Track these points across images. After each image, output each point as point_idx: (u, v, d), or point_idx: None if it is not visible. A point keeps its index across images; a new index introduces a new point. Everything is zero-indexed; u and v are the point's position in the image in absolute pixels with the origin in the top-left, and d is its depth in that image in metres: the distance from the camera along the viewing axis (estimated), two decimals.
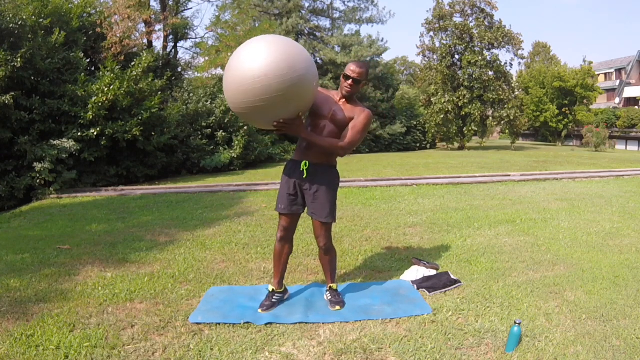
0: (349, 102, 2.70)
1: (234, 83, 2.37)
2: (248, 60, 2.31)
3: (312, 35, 21.14)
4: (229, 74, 2.41)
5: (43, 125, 9.00)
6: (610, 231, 4.78)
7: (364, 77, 2.66)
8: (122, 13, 11.81)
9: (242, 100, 2.36)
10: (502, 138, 40.99)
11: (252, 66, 2.28)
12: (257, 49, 2.33)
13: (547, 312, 2.74)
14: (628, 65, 38.07)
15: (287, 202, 2.75)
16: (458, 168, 12.24)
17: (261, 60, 2.27)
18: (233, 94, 2.39)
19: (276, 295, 2.84)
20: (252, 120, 2.56)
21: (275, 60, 2.26)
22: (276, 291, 2.85)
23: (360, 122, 2.65)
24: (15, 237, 4.93)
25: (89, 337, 2.39)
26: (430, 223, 5.16)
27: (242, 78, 2.31)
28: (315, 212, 2.74)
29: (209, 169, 11.98)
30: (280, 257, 2.84)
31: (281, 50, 2.31)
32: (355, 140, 2.64)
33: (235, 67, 2.37)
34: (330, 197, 2.76)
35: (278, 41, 2.39)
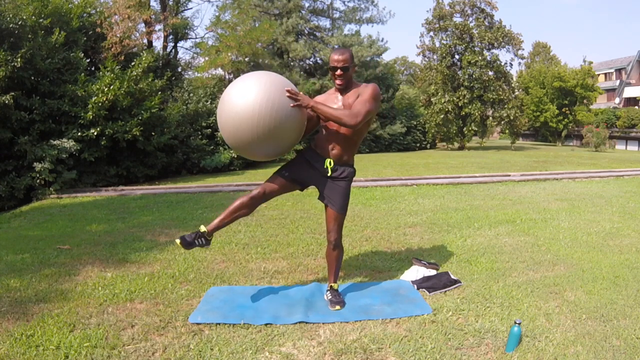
0: (348, 90, 2.65)
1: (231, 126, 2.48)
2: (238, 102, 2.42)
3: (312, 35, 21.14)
4: (223, 119, 2.50)
5: (43, 125, 9.00)
6: (610, 231, 4.78)
7: (350, 62, 2.57)
8: (122, 13, 11.82)
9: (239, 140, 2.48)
10: (502, 138, 40.98)
11: (243, 108, 2.39)
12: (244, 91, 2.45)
13: (547, 312, 2.74)
14: (628, 65, 38.06)
15: (293, 173, 2.72)
16: (458, 168, 12.24)
17: (249, 100, 2.39)
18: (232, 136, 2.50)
19: (203, 239, 2.67)
20: (254, 155, 2.63)
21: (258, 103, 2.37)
22: (206, 236, 2.68)
23: (366, 93, 2.56)
24: (15, 237, 4.93)
25: (89, 337, 2.39)
26: (430, 223, 5.16)
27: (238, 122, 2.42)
28: (333, 201, 2.72)
29: (209, 169, 11.98)
30: (236, 212, 2.70)
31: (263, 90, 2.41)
32: (364, 110, 2.50)
33: (228, 111, 2.48)
34: (347, 191, 2.76)
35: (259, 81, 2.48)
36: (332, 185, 2.72)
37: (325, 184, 2.73)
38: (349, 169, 2.75)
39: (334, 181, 2.72)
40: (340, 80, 2.60)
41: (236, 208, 2.69)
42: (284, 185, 2.74)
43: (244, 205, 2.70)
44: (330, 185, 2.73)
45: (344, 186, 2.74)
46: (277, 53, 19.78)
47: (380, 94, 2.63)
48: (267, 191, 2.71)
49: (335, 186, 2.72)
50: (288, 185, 2.75)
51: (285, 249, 4.09)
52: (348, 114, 2.48)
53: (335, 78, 2.60)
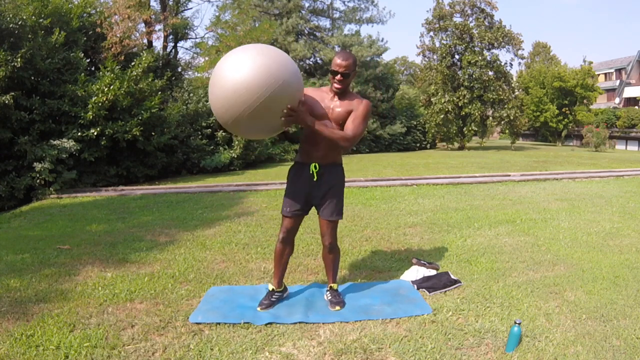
0: (343, 96, 2.64)
1: (219, 99, 2.36)
2: (229, 74, 2.31)
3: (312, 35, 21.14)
4: (213, 89, 2.40)
5: (43, 125, 9.00)
6: (610, 231, 4.78)
7: (352, 69, 2.57)
8: (122, 13, 11.81)
9: (228, 115, 2.35)
10: (502, 138, 40.99)
11: (233, 82, 2.27)
12: (237, 62, 2.32)
13: (547, 312, 2.74)
14: (628, 65, 38.07)
15: (292, 204, 2.73)
16: (458, 168, 12.24)
17: (242, 73, 2.26)
18: (220, 109, 2.38)
19: (275, 294, 2.85)
20: (243, 132, 2.55)
21: (255, 74, 2.25)
22: (276, 290, 2.85)
23: (360, 113, 2.59)
24: (15, 237, 4.93)
25: (89, 337, 2.39)
26: (430, 223, 5.16)
27: (226, 96, 2.30)
28: (324, 211, 2.73)
29: (209, 169, 11.98)
30: (282, 257, 2.84)
31: (261, 61, 2.29)
32: (359, 132, 2.57)
33: (217, 83, 2.36)
34: (340, 196, 2.76)
35: (257, 51, 2.36)
36: (322, 193, 2.71)
37: (316, 193, 2.72)
38: (336, 167, 2.75)
39: (323, 187, 2.70)
40: (340, 85, 2.59)
41: (278, 256, 2.85)
42: (296, 218, 2.79)
43: (282, 250, 2.84)
44: (320, 198, 2.73)
45: (333, 195, 2.72)
46: None
47: (371, 111, 2.69)
48: (289, 229, 2.80)
49: (326, 194, 2.71)
50: (299, 216, 2.79)
51: None
52: (343, 138, 2.54)
53: (335, 82, 2.60)
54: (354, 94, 2.70)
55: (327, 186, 2.71)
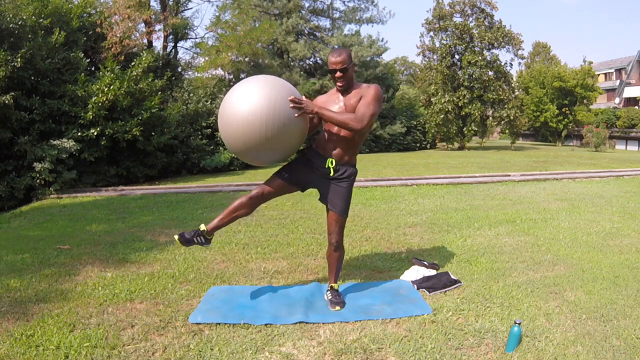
0: (351, 90, 2.63)
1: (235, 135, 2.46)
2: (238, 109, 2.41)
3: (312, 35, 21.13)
4: (225, 127, 2.49)
5: (43, 125, 9.00)
6: (610, 231, 4.77)
7: (349, 62, 2.55)
8: (122, 13, 11.81)
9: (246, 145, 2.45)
10: (502, 138, 40.98)
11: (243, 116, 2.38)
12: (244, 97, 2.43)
13: (547, 312, 2.74)
14: (628, 65, 38.06)
15: (294, 175, 2.71)
16: (458, 168, 12.24)
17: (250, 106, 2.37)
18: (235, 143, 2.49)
19: (202, 237, 2.72)
20: (259, 160, 2.61)
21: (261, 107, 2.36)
22: (207, 234, 2.73)
23: (369, 95, 2.54)
24: (15, 237, 4.93)
25: (89, 337, 2.39)
26: (430, 223, 5.16)
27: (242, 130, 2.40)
28: (334, 204, 2.70)
29: (209, 169, 11.98)
30: (235, 212, 2.72)
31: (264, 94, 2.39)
32: (369, 113, 2.49)
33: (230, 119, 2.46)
34: (349, 192, 2.75)
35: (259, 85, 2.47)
36: (333, 187, 2.70)
37: (327, 186, 2.71)
38: (351, 169, 2.74)
39: (335, 182, 2.70)
40: (341, 82, 2.58)
41: (235, 208, 2.71)
42: (283, 186, 2.74)
43: (243, 205, 2.71)
44: (331, 187, 2.71)
45: (346, 187, 2.72)
46: (277, 53, 19.77)
47: (382, 95, 2.62)
48: (265, 192, 2.71)
49: (337, 188, 2.71)
50: (287, 186, 2.75)
51: (285, 249, 4.09)
52: (353, 119, 2.48)
53: (336, 80, 2.58)
54: (360, 84, 2.66)
55: (340, 179, 2.69)
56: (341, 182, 2.71)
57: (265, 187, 2.72)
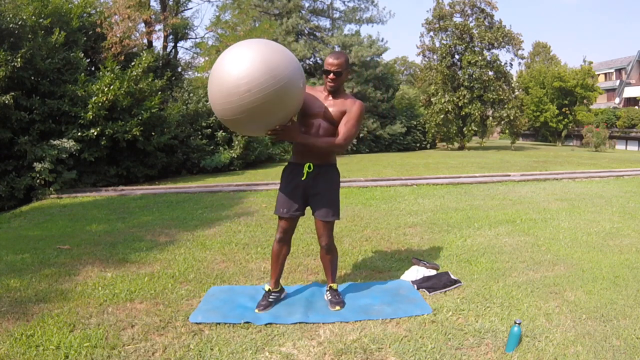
0: (337, 96, 2.66)
1: (218, 95, 2.32)
2: (230, 70, 2.26)
3: (312, 35, 21.14)
4: (213, 84, 2.37)
5: (43, 125, 9.00)
6: (610, 231, 4.77)
7: (345, 67, 2.59)
8: (122, 13, 11.81)
9: (229, 112, 2.32)
10: (502, 138, 40.98)
11: (234, 79, 2.22)
12: (240, 57, 2.27)
13: (547, 312, 2.74)
14: (628, 65, 38.07)
15: (289, 205, 2.73)
16: (458, 168, 12.24)
17: (244, 70, 2.21)
18: (219, 106, 2.35)
19: (272, 294, 2.84)
20: (241, 129, 2.54)
21: (258, 71, 2.20)
22: (272, 291, 2.84)
23: (353, 116, 2.61)
24: (15, 237, 4.93)
25: (89, 337, 2.39)
26: (430, 223, 5.16)
27: (227, 93, 2.26)
28: (319, 212, 2.73)
29: (209, 169, 11.98)
30: (278, 258, 2.84)
31: (262, 58, 2.25)
32: (352, 134, 2.60)
33: (218, 77, 2.32)
34: (334, 196, 2.76)
35: (261, 47, 2.32)
36: (315, 193, 2.71)
37: (311, 192, 2.72)
38: (331, 168, 2.75)
39: (317, 187, 2.70)
40: (332, 83, 2.61)
41: (276, 256, 2.85)
42: (292, 220, 2.78)
43: (279, 250, 2.85)
44: (314, 199, 2.72)
45: (328, 196, 2.72)
46: None
47: (364, 113, 2.69)
48: (285, 230, 2.80)
49: (320, 194, 2.71)
50: (294, 218, 2.79)
51: None
52: (335, 143, 2.59)
53: (328, 81, 2.62)
54: (347, 95, 2.72)
55: (321, 186, 2.70)
56: (323, 184, 2.70)
57: (281, 228, 2.79)
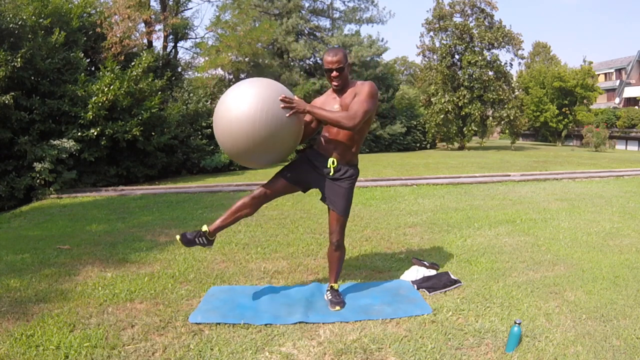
0: (345, 90, 2.63)
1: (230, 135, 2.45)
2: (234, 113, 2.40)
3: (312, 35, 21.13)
4: (221, 128, 2.48)
5: (43, 125, 9.00)
6: (610, 231, 4.77)
7: (344, 62, 2.55)
8: (122, 13, 11.81)
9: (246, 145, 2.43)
10: (502, 138, 40.98)
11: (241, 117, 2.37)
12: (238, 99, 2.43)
13: (547, 312, 2.74)
14: (628, 65, 38.06)
15: (296, 174, 2.70)
16: (458, 168, 12.24)
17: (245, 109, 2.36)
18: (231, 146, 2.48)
19: (204, 238, 2.71)
20: (259, 162, 2.61)
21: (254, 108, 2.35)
22: (209, 235, 2.73)
23: (363, 92, 2.53)
24: (15, 237, 4.93)
25: (89, 337, 2.39)
26: (430, 223, 5.16)
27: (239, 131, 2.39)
28: (335, 204, 2.69)
29: (209, 169, 11.98)
30: (238, 212, 2.72)
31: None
32: (362, 110, 2.48)
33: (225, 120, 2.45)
34: (350, 192, 2.74)
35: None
36: (334, 186, 2.70)
37: (328, 186, 2.71)
38: (352, 169, 2.73)
39: (336, 182, 2.70)
40: (337, 81, 2.59)
41: (238, 208, 2.71)
42: (286, 186, 2.73)
43: (245, 205, 2.71)
44: (332, 187, 2.70)
45: (347, 187, 2.71)
46: (277, 53, 19.77)
47: (377, 92, 2.61)
48: (268, 192, 2.71)
49: (338, 188, 2.70)
50: (289, 186, 2.75)
51: (285, 249, 4.09)
52: (345, 116, 2.48)
53: (332, 80, 2.59)
54: (355, 82, 2.66)
55: (341, 178, 2.69)
56: (342, 182, 2.71)
57: (268, 187, 2.72)
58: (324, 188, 2.73)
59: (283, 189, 2.74)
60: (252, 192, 2.72)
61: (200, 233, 2.70)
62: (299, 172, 2.73)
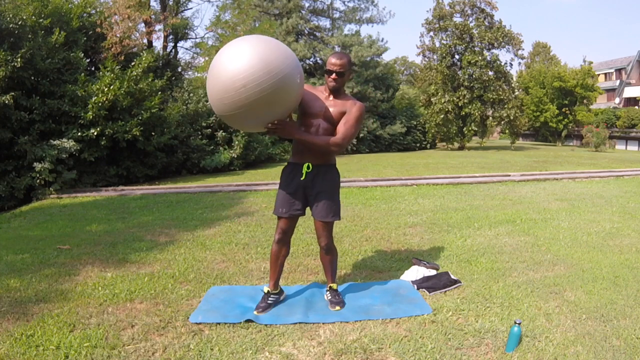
0: (338, 96, 2.65)
1: (215, 90, 2.36)
2: (226, 66, 2.30)
3: (312, 35, 21.14)
4: (210, 80, 2.40)
5: (43, 125, 9.00)
6: (610, 231, 4.77)
7: (347, 68, 2.60)
8: (122, 13, 11.81)
9: (226, 108, 2.35)
10: (502, 138, 40.97)
11: (230, 75, 2.26)
12: (236, 53, 2.32)
13: (547, 312, 2.74)
14: (628, 65, 38.07)
15: (288, 205, 2.72)
16: (458, 168, 12.24)
17: (240, 66, 2.25)
18: (216, 102, 2.39)
19: (272, 296, 2.82)
20: (239, 125, 2.57)
21: (254, 67, 2.23)
22: (272, 292, 2.83)
23: (353, 116, 2.60)
24: (15, 237, 4.93)
25: (89, 337, 2.39)
26: (430, 223, 5.16)
27: (223, 89, 2.29)
28: (319, 213, 2.72)
29: (209, 169, 11.98)
30: (277, 259, 2.82)
31: (258, 53, 2.28)
32: (350, 135, 2.58)
33: (215, 74, 2.35)
34: (334, 197, 2.75)
35: (257, 43, 2.35)
36: (315, 193, 2.70)
37: (310, 192, 2.72)
38: (329, 168, 2.74)
39: (316, 187, 2.69)
40: (334, 83, 2.61)
41: (274, 257, 2.83)
42: (291, 219, 2.78)
43: (278, 251, 2.83)
44: (313, 199, 2.72)
45: (327, 196, 2.71)
46: None
47: (364, 115, 2.68)
48: (284, 231, 2.79)
49: (319, 194, 2.70)
50: (294, 219, 2.79)
51: None
52: (332, 143, 2.57)
53: (330, 80, 2.61)
54: (348, 96, 2.71)
55: (320, 186, 2.70)
56: (323, 184, 2.70)
57: (280, 228, 2.79)
58: (309, 201, 2.75)
59: (292, 223, 2.80)
60: (275, 239, 2.82)
61: (266, 296, 2.81)
62: (293, 202, 2.73)
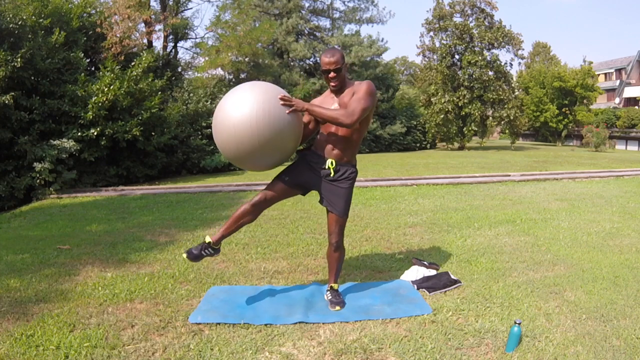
0: (343, 90, 2.63)
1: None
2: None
3: (312, 35, 21.14)
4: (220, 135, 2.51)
5: (43, 125, 9.01)
6: (610, 231, 4.77)
7: (342, 62, 2.55)
8: (122, 13, 11.82)
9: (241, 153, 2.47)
10: (502, 138, 40.97)
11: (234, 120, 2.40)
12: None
13: (547, 312, 2.74)
14: (628, 65, 38.06)
15: (294, 175, 2.70)
16: (458, 168, 12.24)
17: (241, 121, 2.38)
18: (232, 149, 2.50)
19: (209, 250, 2.71)
20: (252, 165, 2.63)
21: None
22: (212, 245, 2.71)
23: (361, 91, 2.53)
24: (15, 237, 4.93)
25: (89, 337, 2.39)
26: (430, 223, 5.16)
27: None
28: (334, 205, 2.69)
29: (209, 169, 11.98)
30: (240, 219, 2.69)
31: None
32: (360, 108, 2.47)
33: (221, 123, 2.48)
34: (349, 193, 2.73)
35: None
36: (333, 188, 2.70)
37: (326, 187, 2.70)
38: (351, 169, 2.73)
39: (334, 183, 2.69)
40: (335, 82, 2.59)
41: (239, 216, 2.70)
42: (285, 190, 2.73)
43: (246, 212, 2.69)
44: (331, 188, 2.70)
45: (346, 188, 2.71)
46: (277, 53, 19.78)
47: (375, 90, 2.59)
48: (268, 197, 2.70)
49: (337, 189, 2.69)
50: (289, 190, 2.74)
51: (285, 249, 4.09)
52: (344, 114, 2.48)
53: (329, 80, 2.59)
54: (353, 82, 2.66)
55: (340, 180, 2.68)
56: (341, 182, 2.70)
57: (267, 192, 2.70)
58: (322, 189, 2.73)
59: (283, 193, 2.73)
60: (252, 199, 2.70)
61: (204, 245, 2.71)
62: (298, 174, 2.73)
